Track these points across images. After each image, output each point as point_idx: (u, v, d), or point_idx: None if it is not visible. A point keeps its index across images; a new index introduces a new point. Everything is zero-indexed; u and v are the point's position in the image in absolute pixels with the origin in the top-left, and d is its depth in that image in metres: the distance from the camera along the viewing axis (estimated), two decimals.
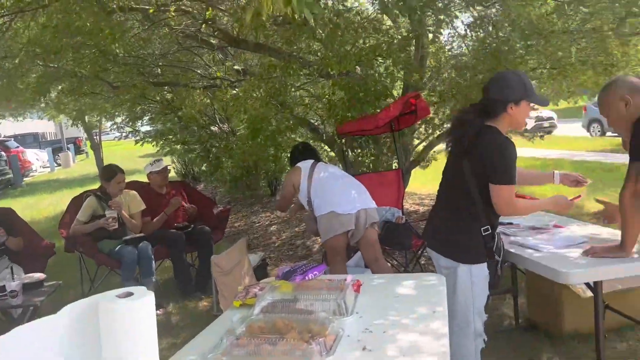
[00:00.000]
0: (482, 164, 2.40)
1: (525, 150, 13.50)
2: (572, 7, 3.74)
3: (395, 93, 5.59)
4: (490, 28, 4.00)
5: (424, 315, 1.95)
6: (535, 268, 2.56)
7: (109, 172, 4.79)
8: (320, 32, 3.94)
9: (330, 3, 4.42)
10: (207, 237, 4.98)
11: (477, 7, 3.98)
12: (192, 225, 5.10)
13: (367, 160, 5.83)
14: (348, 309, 1.94)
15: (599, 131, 18.80)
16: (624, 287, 3.34)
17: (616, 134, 15.81)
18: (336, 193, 3.71)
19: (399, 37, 4.72)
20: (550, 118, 22.75)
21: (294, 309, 1.96)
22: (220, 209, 5.58)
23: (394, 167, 5.46)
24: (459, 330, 2.55)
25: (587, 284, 2.77)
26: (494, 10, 4.20)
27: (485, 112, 2.47)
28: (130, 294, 1.26)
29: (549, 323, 3.57)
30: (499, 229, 2.99)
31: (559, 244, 2.73)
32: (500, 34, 4.34)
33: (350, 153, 5.90)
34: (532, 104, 2.46)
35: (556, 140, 18.30)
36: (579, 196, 2.67)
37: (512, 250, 2.72)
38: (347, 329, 1.84)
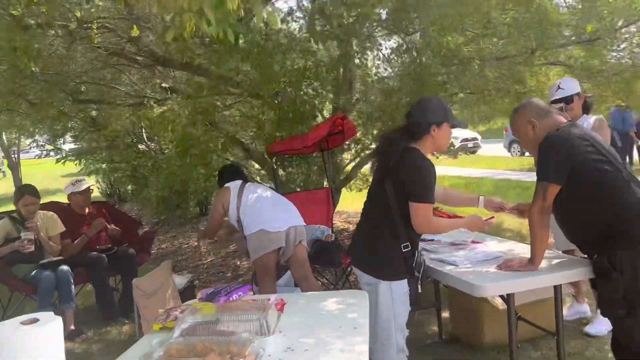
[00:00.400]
0: (402, 183, 2.50)
1: (451, 169, 14.11)
2: (486, 38, 3.99)
3: (325, 114, 5.70)
4: (415, 54, 4.18)
5: (346, 332, 1.98)
6: (454, 283, 2.67)
7: (17, 194, 4.59)
8: (248, 53, 3.96)
9: (262, 25, 4.48)
10: (131, 259, 4.81)
11: (401, 35, 4.15)
12: (116, 248, 4.91)
13: (298, 179, 5.88)
14: (270, 328, 1.94)
15: (518, 151, 19.93)
16: (537, 298, 3.55)
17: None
18: (265, 211, 3.71)
19: (328, 59, 4.83)
20: (475, 139, 23.90)
21: (215, 331, 1.93)
22: (145, 230, 5.42)
23: (324, 186, 5.53)
24: (382, 346, 2.60)
25: (502, 297, 2.90)
26: (417, 36, 4.41)
27: (409, 134, 2.58)
28: (36, 320, 1.20)
29: (470, 335, 3.71)
30: (421, 245, 3.11)
31: (476, 259, 2.86)
32: (424, 59, 4.55)
33: (281, 172, 5.92)
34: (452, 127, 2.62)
35: (480, 159, 19.24)
36: (492, 217, 2.82)
37: (432, 266, 2.82)
38: (269, 348, 1.84)
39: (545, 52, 4.43)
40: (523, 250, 2.96)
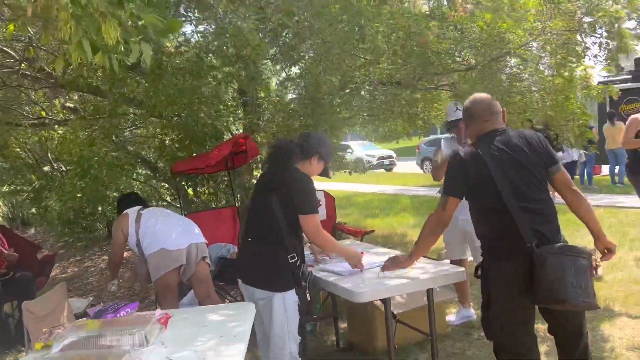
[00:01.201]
0: (290, 198, 2.71)
1: (368, 187, 14.63)
2: (373, 65, 4.32)
3: (235, 133, 5.83)
4: (309, 79, 4.42)
5: (225, 341, 2.11)
6: (337, 291, 2.89)
7: None
8: (149, 75, 4.04)
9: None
10: (28, 284, 4.65)
11: (300, 63, 4.39)
12: (12, 273, 4.73)
13: (205, 198, 5.94)
14: (148, 340, 2.04)
15: (430, 168, 20.99)
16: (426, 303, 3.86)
17: None
18: (165, 231, 3.77)
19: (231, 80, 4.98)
20: (390, 156, 24.89)
21: (97, 345, 2.01)
22: (44, 253, 5.25)
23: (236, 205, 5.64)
24: (276, 355, 2.75)
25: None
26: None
27: (298, 151, 2.84)
28: None
29: (365, 342, 3.93)
30: (310, 257, 3.32)
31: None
32: (322, 85, 4.81)
33: (188, 191, 5.96)
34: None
35: (395, 176, 20.05)
36: (363, 252, 3.15)
37: (318, 276, 3.01)
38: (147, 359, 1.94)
39: (430, 78, 4.84)
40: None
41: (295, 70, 5.22)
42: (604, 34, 4.54)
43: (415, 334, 3.55)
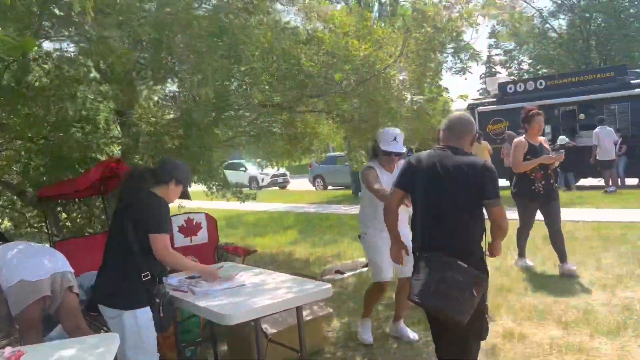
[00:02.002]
0: (142, 219, 2.83)
1: (260, 205, 14.63)
2: (251, 87, 4.42)
3: (111, 155, 5.60)
4: (184, 100, 4.42)
5: None
6: (204, 313, 2.90)
7: None
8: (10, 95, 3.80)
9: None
10: None
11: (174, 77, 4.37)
12: None
13: (78, 224, 5.63)
14: None
15: (322, 185, 21.53)
16: (311, 317, 3.98)
17: (336, 187, 18.02)
18: (25, 262, 3.54)
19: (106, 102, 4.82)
20: (284, 174, 25.16)
21: None
22: None
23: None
24: None
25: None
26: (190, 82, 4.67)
27: (153, 178, 3.00)
28: None
29: None
30: (177, 277, 3.34)
31: (220, 288, 3.13)
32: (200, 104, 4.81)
33: (61, 216, 5.62)
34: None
35: (288, 194, 20.29)
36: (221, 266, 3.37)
37: (177, 295, 3.06)
38: None
39: (306, 100, 5.03)
40: (273, 279, 3.34)
41: (172, 88, 5.19)
42: (452, 49, 5.06)
43: (292, 353, 3.63)
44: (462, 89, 34.81)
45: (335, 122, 5.27)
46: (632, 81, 13.68)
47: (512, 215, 5.01)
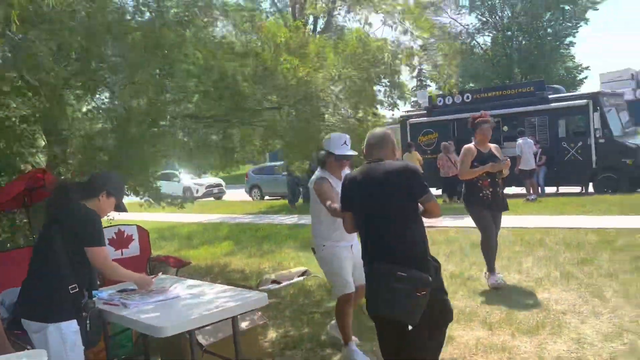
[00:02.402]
0: (71, 231, 2.78)
1: (192, 216, 14.38)
2: (184, 102, 4.41)
3: (37, 166, 5.36)
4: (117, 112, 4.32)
5: None
6: (139, 327, 2.86)
7: None
8: None
9: None
10: None
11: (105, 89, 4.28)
12: None
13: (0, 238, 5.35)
14: None
15: (258, 195, 21.43)
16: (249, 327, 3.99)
17: (273, 197, 17.94)
18: None
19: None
20: (219, 185, 24.82)
21: None
22: None
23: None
24: None
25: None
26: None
27: (83, 191, 2.96)
28: None
29: None
30: (108, 290, 3.28)
31: (153, 300, 3.10)
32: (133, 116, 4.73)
33: None
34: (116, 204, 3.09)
35: (224, 204, 20.03)
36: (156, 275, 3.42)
37: (108, 308, 3.01)
38: None
39: (242, 115, 5.06)
40: (208, 290, 3.34)
41: (104, 99, 5.06)
42: (387, 84, 5.27)
43: None
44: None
45: (271, 134, 5.31)
46: (550, 96, 14.66)
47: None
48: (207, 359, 3.49)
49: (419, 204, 2.94)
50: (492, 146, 5.40)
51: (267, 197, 21.19)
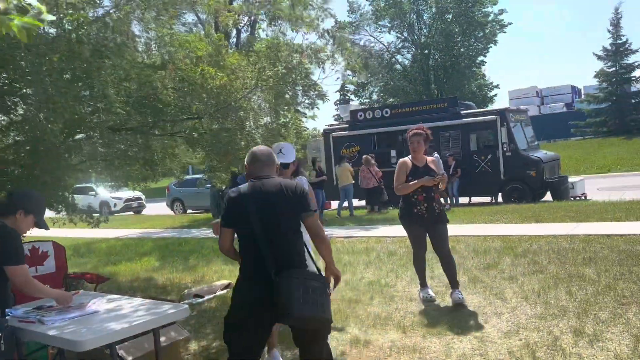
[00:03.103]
0: None
1: (111, 232, 13.90)
2: (104, 112, 4.38)
3: None
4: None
5: None
6: (57, 342, 2.84)
7: None
8: None
9: None
10: None
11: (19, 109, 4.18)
12: None
13: None
14: None
15: (181, 209, 21.01)
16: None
17: (196, 211, 17.64)
18: None
19: None
20: (139, 198, 24.08)
21: None
22: None
23: None
24: None
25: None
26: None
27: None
28: None
29: None
30: (22, 308, 3.23)
31: (70, 316, 3.09)
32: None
33: None
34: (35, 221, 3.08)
35: (144, 219, 19.45)
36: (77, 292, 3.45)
37: (24, 326, 2.98)
38: None
39: (164, 125, 5.08)
40: (129, 304, 3.35)
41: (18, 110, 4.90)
42: (301, 89, 5.51)
43: None
44: (320, 114, 36.54)
45: (192, 145, 5.35)
46: (462, 111, 15.62)
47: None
48: None
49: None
50: (429, 159, 5.23)
51: (189, 211, 20.82)
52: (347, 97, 39.63)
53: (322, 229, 3.08)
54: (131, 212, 23.46)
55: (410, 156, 5.21)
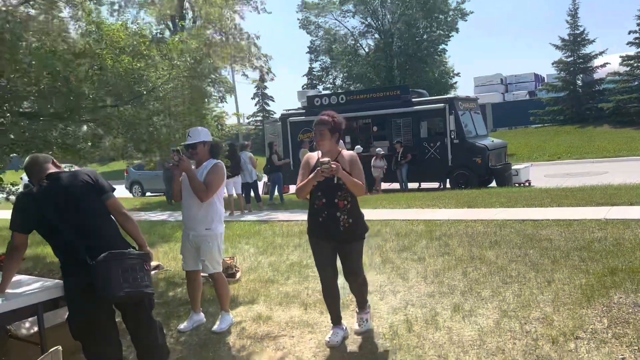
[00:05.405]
0: None
1: None
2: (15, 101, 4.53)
3: None
4: None
5: None
6: None
7: None
8: None
9: None
10: None
11: None
12: None
13: None
14: None
15: (139, 192, 21.02)
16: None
17: (155, 194, 17.65)
18: None
19: None
20: None
21: None
22: None
23: None
24: None
25: None
26: None
27: None
28: None
29: None
30: None
31: None
32: None
33: None
34: None
35: None
36: None
37: None
38: None
39: (81, 113, 5.24)
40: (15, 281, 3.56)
41: None
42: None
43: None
44: (288, 98, 36.70)
45: (109, 131, 5.52)
46: (413, 99, 16.00)
47: None
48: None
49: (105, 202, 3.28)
50: (346, 153, 3.96)
51: (148, 194, 20.85)
52: (314, 82, 39.84)
53: (122, 208, 3.32)
54: None
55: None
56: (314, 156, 4.01)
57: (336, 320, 4.19)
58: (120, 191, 22.07)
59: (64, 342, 3.31)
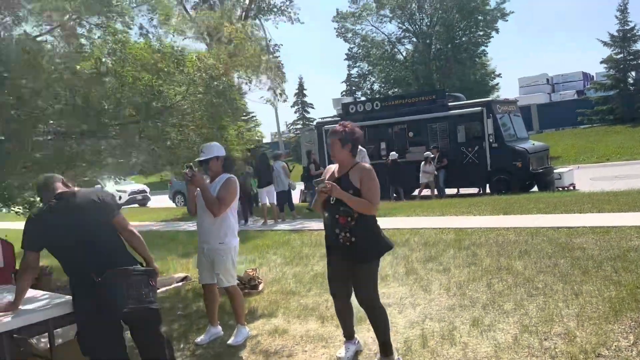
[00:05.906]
0: None
1: None
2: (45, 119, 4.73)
3: None
4: None
5: None
6: None
7: None
8: None
9: None
10: None
11: None
12: None
13: None
14: None
15: (182, 201, 21.50)
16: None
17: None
18: None
19: None
20: (143, 191, 24.68)
21: None
22: None
23: None
24: None
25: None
26: None
27: None
28: None
29: None
30: None
31: None
32: None
33: None
34: None
35: (148, 212, 20.00)
36: None
37: None
38: None
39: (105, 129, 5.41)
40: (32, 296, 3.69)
41: None
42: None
43: None
44: (328, 105, 36.93)
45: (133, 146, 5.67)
46: (450, 103, 15.71)
47: None
48: None
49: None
50: (358, 167, 3.68)
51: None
52: (353, 89, 39.81)
53: (127, 224, 3.40)
54: (136, 205, 24.04)
55: None
56: (332, 168, 3.88)
57: (348, 336, 4.11)
58: (164, 201, 22.85)
59: (75, 358, 3.44)
